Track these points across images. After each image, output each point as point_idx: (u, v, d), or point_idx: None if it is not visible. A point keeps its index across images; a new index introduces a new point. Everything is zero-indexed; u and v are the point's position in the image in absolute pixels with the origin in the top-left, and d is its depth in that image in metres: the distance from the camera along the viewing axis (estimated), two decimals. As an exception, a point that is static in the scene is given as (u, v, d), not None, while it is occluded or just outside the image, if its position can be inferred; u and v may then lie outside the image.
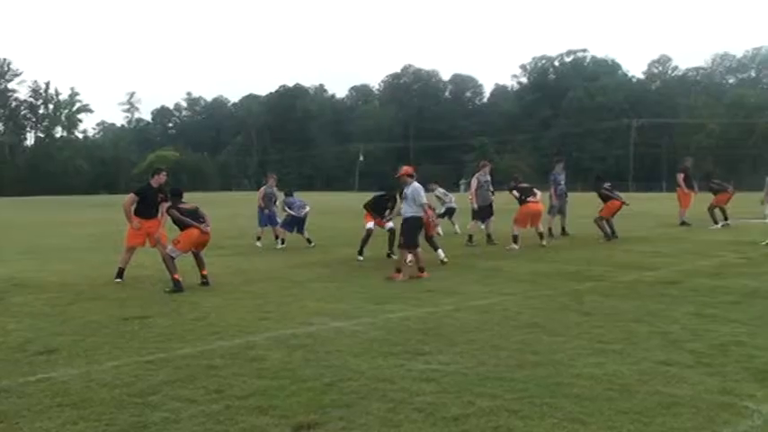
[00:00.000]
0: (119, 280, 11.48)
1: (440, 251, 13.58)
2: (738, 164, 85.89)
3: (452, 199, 21.25)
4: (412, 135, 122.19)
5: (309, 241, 17.69)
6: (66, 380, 5.81)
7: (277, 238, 17.94)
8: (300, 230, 17.97)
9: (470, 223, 17.58)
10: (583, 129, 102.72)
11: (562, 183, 18.99)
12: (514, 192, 16.38)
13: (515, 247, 15.63)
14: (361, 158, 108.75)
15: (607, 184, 18.49)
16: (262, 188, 18.97)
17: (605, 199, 17.95)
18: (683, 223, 20.98)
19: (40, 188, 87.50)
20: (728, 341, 6.71)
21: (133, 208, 11.55)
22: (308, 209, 18.16)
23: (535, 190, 16.38)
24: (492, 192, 17.53)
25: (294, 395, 5.26)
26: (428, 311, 8.60)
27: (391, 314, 8.47)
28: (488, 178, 17.51)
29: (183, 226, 11.07)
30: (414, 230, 11.92)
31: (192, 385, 5.57)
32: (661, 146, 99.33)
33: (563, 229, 18.90)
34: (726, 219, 20.51)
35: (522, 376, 5.65)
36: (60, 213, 39.75)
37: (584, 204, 21.84)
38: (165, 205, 11.43)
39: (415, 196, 11.90)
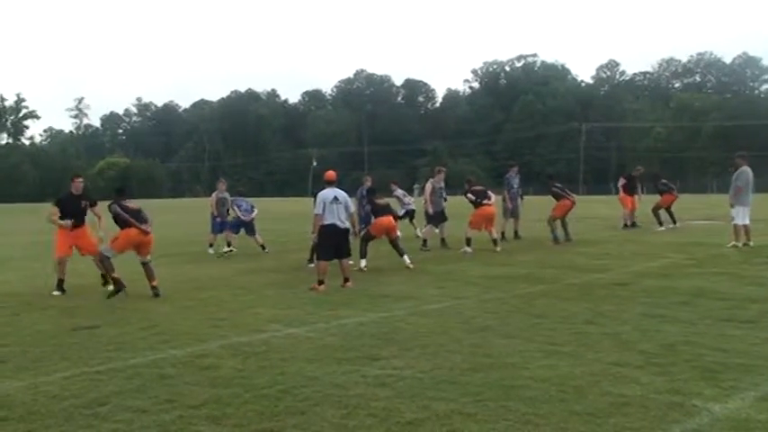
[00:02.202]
0: (57, 293, 11.02)
1: (405, 257, 13.49)
2: (684, 167, 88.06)
3: (411, 201, 21.31)
4: (365, 140, 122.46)
5: (263, 247, 17.55)
6: (11, 392, 5.67)
7: (229, 244, 17.51)
8: (251, 234, 17.77)
9: (425, 228, 17.66)
10: (534, 133, 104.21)
11: (515, 186, 19.18)
12: (469, 195, 16.39)
13: (468, 249, 15.74)
14: (315, 163, 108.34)
15: (558, 184, 18.66)
16: (213, 194, 18.67)
17: (557, 197, 18.16)
18: (625, 226, 21.30)
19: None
20: (677, 341, 6.83)
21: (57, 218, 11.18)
22: (255, 213, 17.97)
23: (489, 193, 16.40)
24: (445, 198, 17.66)
25: (248, 403, 5.21)
26: (382, 316, 8.60)
27: (345, 320, 8.45)
28: (442, 184, 17.63)
29: (122, 224, 10.65)
30: (321, 240, 11.40)
31: (144, 395, 5.47)
32: (610, 149, 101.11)
33: (515, 232, 19.07)
34: (674, 222, 20.84)
35: (476, 379, 5.68)
36: (4, 221, 38.83)
37: (537, 208, 22.08)
38: (97, 208, 11.18)
39: (316, 203, 11.48)
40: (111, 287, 10.86)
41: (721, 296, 9.39)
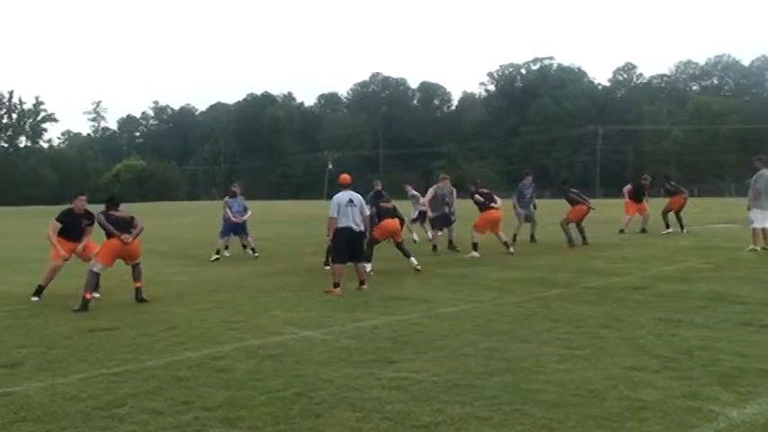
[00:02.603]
0: (36, 299, 10.81)
1: (412, 259, 13.49)
2: (702, 170, 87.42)
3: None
4: (381, 143, 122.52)
5: (254, 250, 17.17)
6: (30, 394, 5.72)
7: (218, 252, 17.10)
8: (243, 235, 17.36)
9: (431, 233, 17.65)
10: (550, 136, 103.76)
11: (527, 195, 19.06)
12: (476, 196, 16.28)
13: (476, 254, 15.52)
14: (330, 166, 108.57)
15: (574, 189, 18.60)
16: (226, 197, 18.34)
17: (572, 203, 18.11)
18: (621, 231, 21.05)
19: (4, 198, 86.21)
20: (694, 345, 6.78)
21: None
22: (248, 214, 17.53)
23: (495, 196, 16.29)
24: (449, 203, 17.59)
25: (263, 406, 5.22)
26: (397, 319, 8.60)
27: (361, 323, 8.45)
28: (446, 192, 17.56)
29: (107, 235, 10.53)
30: (336, 243, 11.42)
31: (160, 397, 5.50)
32: (627, 152, 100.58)
33: (532, 236, 18.98)
34: (681, 228, 20.60)
35: (492, 383, 5.66)
36: (23, 224, 39.13)
37: (552, 211, 22.01)
38: (91, 229, 11.14)
39: (331, 206, 11.53)
40: (96, 294, 10.61)
41: (739, 300, 9.31)
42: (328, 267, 12.88)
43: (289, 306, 9.84)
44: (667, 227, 20.45)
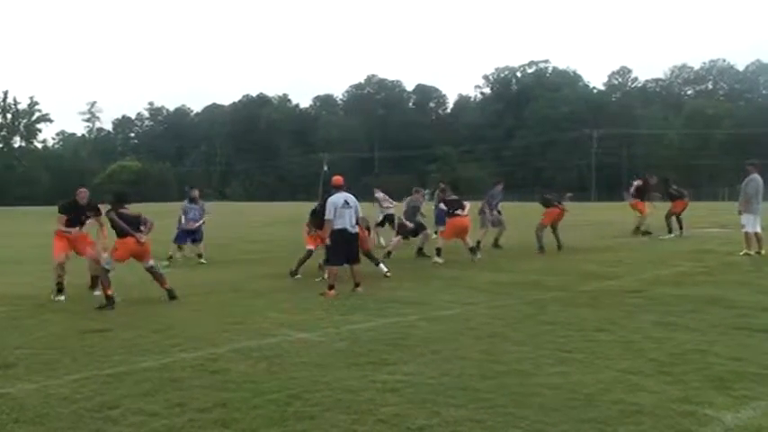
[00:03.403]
0: (61, 297, 10.93)
1: (381, 265, 13.18)
2: (696, 174, 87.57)
3: (391, 205, 20.52)
4: (376, 145, 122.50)
5: (200, 256, 16.97)
6: (23, 395, 5.70)
7: (170, 257, 16.88)
8: (197, 242, 17.13)
9: (394, 239, 17.03)
10: (545, 139, 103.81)
11: (495, 201, 18.91)
12: (441, 205, 16.10)
13: (439, 260, 15.23)
14: (326, 168, 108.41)
15: (550, 192, 18.60)
16: (185, 201, 18.18)
17: (546, 205, 17.82)
18: (637, 230, 21.11)
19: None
20: (689, 349, 6.80)
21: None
22: (203, 220, 17.25)
23: (464, 203, 15.86)
24: (423, 214, 17.16)
25: (257, 408, 5.22)
26: (392, 322, 8.60)
27: (355, 325, 8.45)
28: (418, 204, 17.01)
29: (119, 233, 10.56)
30: (333, 245, 11.33)
31: (154, 399, 5.49)
32: (621, 156, 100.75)
33: (496, 241, 18.65)
34: (681, 229, 20.67)
35: (487, 386, 5.66)
36: (17, 224, 39.07)
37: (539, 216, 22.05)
38: (102, 217, 11.14)
39: (327, 208, 11.45)
40: (97, 292, 10.82)
41: (733, 304, 9.33)
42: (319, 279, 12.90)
43: (284, 308, 9.84)
44: (670, 231, 20.47)
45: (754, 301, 9.59)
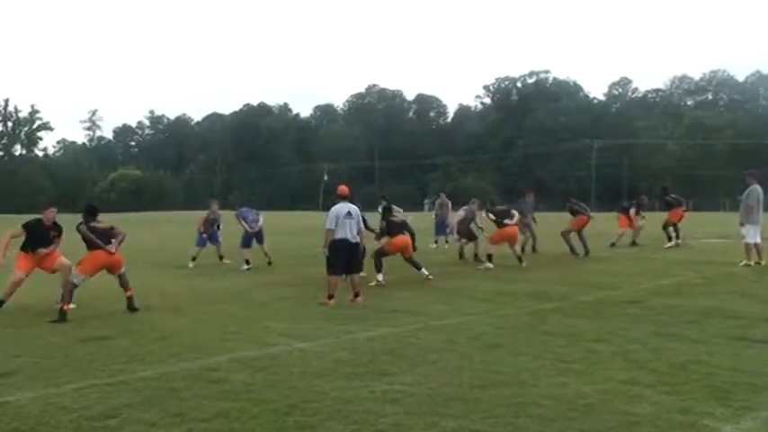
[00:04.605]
0: None
1: (423, 269, 13.88)
2: (697, 185, 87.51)
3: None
4: (376, 154, 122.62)
5: (266, 254, 17.68)
6: (23, 404, 5.69)
7: (221, 258, 18.13)
8: (260, 242, 17.73)
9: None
10: (545, 149, 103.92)
11: (528, 210, 19.82)
12: (490, 215, 16.78)
13: (490, 265, 15.85)
14: (326, 178, 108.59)
15: (574, 200, 19.86)
16: (205, 213, 19.02)
17: (574, 213, 18.85)
18: (633, 243, 21.30)
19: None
20: (688, 360, 6.79)
21: (22, 239, 11.03)
22: (261, 221, 17.79)
23: (512, 211, 16.72)
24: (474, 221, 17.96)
25: (256, 418, 5.21)
26: (392, 332, 8.59)
27: (355, 335, 8.44)
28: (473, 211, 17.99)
29: (88, 245, 10.52)
30: (333, 255, 11.30)
31: (153, 408, 5.48)
32: (621, 166, 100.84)
33: (533, 248, 19.91)
34: (678, 238, 20.72)
35: (486, 396, 5.66)
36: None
37: (548, 224, 22.10)
38: (60, 240, 11.00)
39: (328, 217, 11.46)
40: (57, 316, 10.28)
41: (733, 315, 9.33)
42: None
43: (283, 317, 9.82)
44: (669, 239, 20.56)
45: (755, 311, 9.60)
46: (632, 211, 21.99)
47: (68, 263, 10.94)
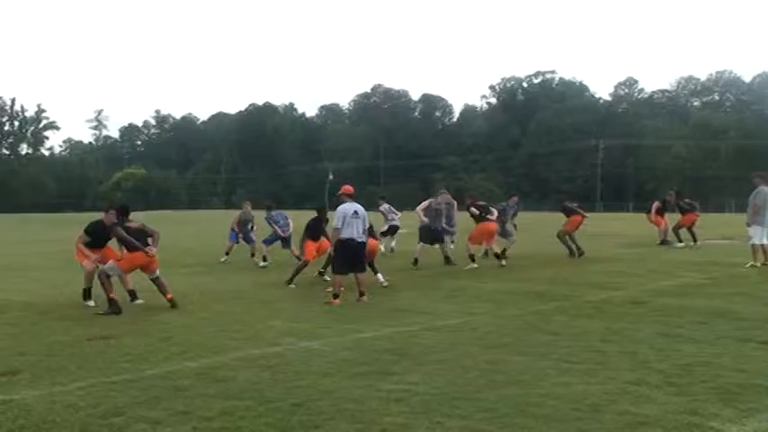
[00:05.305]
0: (91, 303, 10.92)
1: (379, 275, 13.21)
2: (703, 185, 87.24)
3: (397, 217, 20.52)
4: (382, 154, 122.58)
5: (299, 258, 17.49)
6: (28, 402, 5.70)
7: (253, 255, 18.18)
8: (286, 246, 17.84)
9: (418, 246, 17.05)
10: (551, 149, 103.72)
11: (510, 213, 19.26)
12: (472, 209, 16.30)
13: (475, 265, 15.56)
14: (331, 177, 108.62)
15: (569, 201, 19.52)
16: (239, 212, 19.38)
17: (568, 214, 18.56)
18: (662, 242, 21.31)
19: (5, 205, 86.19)
20: (694, 361, 6.77)
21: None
22: (291, 226, 17.90)
23: (492, 209, 16.44)
24: (448, 218, 17.11)
25: (262, 416, 5.21)
26: (397, 331, 8.59)
27: (360, 334, 8.45)
28: (442, 206, 17.04)
29: (128, 247, 10.62)
30: (339, 255, 11.39)
31: (158, 407, 5.49)
32: (628, 167, 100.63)
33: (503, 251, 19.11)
34: (695, 241, 20.79)
35: (491, 396, 5.65)
36: (23, 231, 39.18)
37: (552, 224, 22.05)
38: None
39: (336, 217, 11.45)
40: (91, 302, 10.89)
41: (739, 316, 9.30)
42: (328, 278, 12.92)
43: (288, 316, 9.84)
44: (680, 241, 20.56)
45: (761, 312, 9.56)
46: (655, 206, 21.94)
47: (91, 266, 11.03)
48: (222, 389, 5.98)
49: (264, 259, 17.47)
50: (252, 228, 19.01)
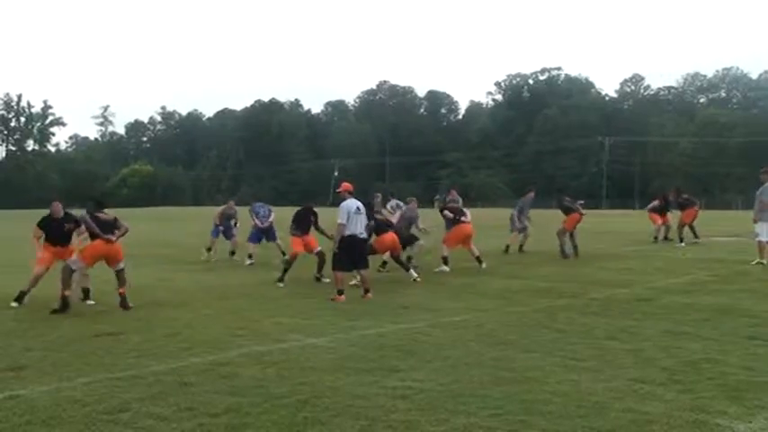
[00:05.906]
0: (15, 304, 10.67)
1: (411, 271, 13.42)
2: (709, 183, 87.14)
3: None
4: (387, 151, 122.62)
5: (284, 253, 17.43)
6: (35, 397, 5.72)
7: (233, 253, 18.33)
8: (272, 239, 17.84)
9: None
10: (557, 146, 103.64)
11: (526, 208, 19.53)
12: (446, 212, 15.86)
13: (446, 268, 15.00)
14: (336, 174, 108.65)
15: (568, 198, 19.03)
16: (221, 208, 19.57)
17: (566, 211, 18.27)
18: (655, 239, 21.31)
19: (12, 201, 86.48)
20: (700, 358, 6.76)
21: (41, 238, 11.11)
22: (272, 217, 17.87)
23: (465, 210, 15.94)
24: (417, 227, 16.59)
25: (267, 413, 5.21)
26: (402, 328, 8.59)
27: (366, 331, 8.44)
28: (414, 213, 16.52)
29: (91, 236, 10.55)
30: (343, 251, 11.29)
31: (164, 402, 5.50)
32: (633, 164, 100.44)
33: (520, 246, 19.31)
34: (696, 237, 20.71)
35: (497, 393, 5.64)
36: (30, 227, 39.21)
37: (557, 221, 22.02)
38: (81, 227, 10.95)
39: (338, 212, 11.44)
40: (91, 301, 10.84)
41: (745, 313, 9.28)
42: (327, 280, 12.93)
43: (294, 313, 9.83)
44: (681, 241, 20.42)
45: (767, 310, 9.53)
46: (651, 205, 21.90)
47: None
48: (228, 385, 5.99)
49: (250, 257, 17.24)
50: (235, 224, 19.11)
